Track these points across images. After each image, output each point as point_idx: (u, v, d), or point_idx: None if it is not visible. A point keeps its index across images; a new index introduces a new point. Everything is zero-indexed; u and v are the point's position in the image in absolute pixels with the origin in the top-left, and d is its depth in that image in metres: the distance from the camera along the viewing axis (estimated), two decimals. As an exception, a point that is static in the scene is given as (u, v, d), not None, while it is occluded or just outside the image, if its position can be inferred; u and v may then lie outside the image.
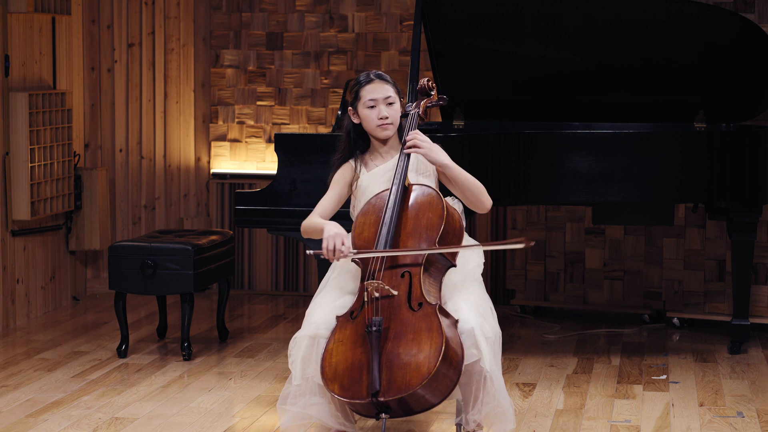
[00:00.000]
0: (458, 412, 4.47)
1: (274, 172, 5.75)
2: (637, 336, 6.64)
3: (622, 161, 5.93)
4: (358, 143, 4.56)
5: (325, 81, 7.57)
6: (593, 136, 5.95)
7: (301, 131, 7.59)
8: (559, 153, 5.91)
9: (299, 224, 4.55)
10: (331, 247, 4.28)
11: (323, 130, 7.55)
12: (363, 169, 4.54)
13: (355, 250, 4.31)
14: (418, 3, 6.23)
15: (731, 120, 6.48)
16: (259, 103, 7.68)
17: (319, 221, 4.43)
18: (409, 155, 4.44)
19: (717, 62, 6.33)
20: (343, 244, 4.28)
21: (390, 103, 4.48)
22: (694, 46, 6.31)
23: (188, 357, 6.01)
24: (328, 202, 4.55)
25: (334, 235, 4.30)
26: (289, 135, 5.74)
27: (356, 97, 4.50)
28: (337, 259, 4.31)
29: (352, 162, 4.56)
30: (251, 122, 7.69)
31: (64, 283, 7.33)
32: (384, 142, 4.53)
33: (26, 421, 4.98)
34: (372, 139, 4.56)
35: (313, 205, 4.58)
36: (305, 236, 4.52)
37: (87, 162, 7.61)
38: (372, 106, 4.47)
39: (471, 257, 4.49)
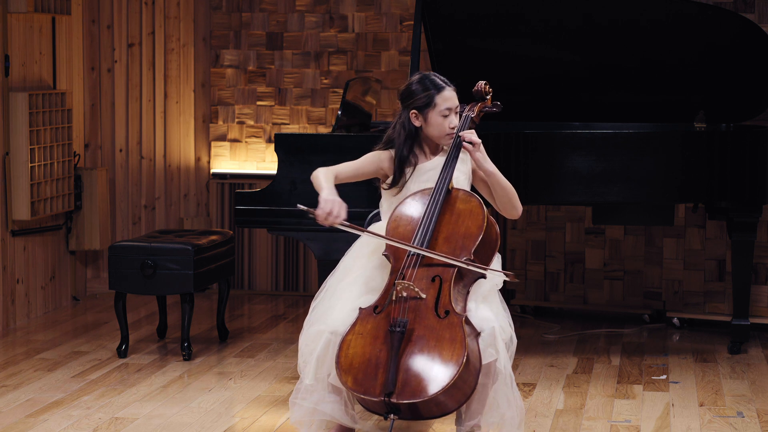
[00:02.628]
0: (458, 418, 4.43)
1: (274, 172, 5.76)
2: (637, 336, 6.64)
3: (622, 161, 5.93)
4: (409, 146, 4.45)
5: (325, 81, 7.57)
6: (593, 136, 5.95)
7: (301, 131, 7.59)
8: (559, 153, 5.92)
9: (299, 224, 4.52)
10: (327, 210, 4.19)
11: (323, 130, 7.56)
12: (412, 165, 4.47)
13: (347, 222, 4.22)
14: (418, 3, 6.23)
15: (731, 120, 6.48)
16: (259, 103, 7.68)
17: (322, 183, 4.28)
18: (457, 157, 4.37)
19: (717, 62, 6.33)
20: (340, 214, 4.19)
21: (457, 113, 4.44)
22: (694, 46, 6.31)
23: (188, 357, 6.01)
24: (353, 166, 4.43)
25: (332, 201, 4.22)
26: (289, 135, 5.74)
27: (429, 103, 4.40)
28: (327, 224, 4.21)
29: (409, 160, 4.45)
30: (251, 122, 7.69)
31: (64, 283, 7.33)
32: (430, 144, 4.48)
33: (26, 421, 4.98)
34: (421, 141, 4.49)
35: (314, 205, 4.55)
36: (312, 181, 4.39)
37: (87, 162, 7.61)
38: (447, 115, 4.41)
39: (493, 265, 4.42)
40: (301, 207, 4.19)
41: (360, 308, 4.24)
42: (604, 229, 7.06)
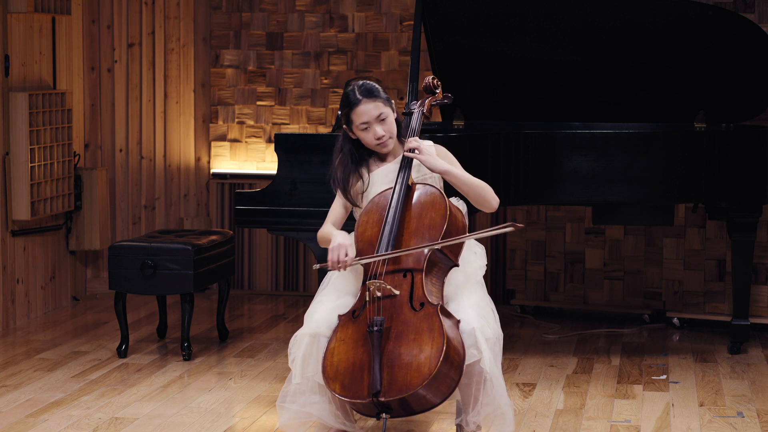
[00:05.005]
0: (458, 413, 4.47)
1: (274, 172, 5.76)
2: (637, 336, 6.64)
3: (622, 161, 5.93)
4: (360, 153, 4.54)
5: (325, 81, 7.57)
6: (593, 136, 5.95)
7: (301, 131, 7.59)
8: (559, 153, 5.92)
9: (299, 224, 4.56)
10: (335, 259, 4.30)
11: (323, 130, 7.56)
12: (365, 172, 4.53)
13: (358, 258, 4.32)
14: (418, 3, 6.23)
15: (731, 120, 6.48)
16: (259, 103, 7.68)
17: (331, 231, 4.44)
18: (411, 160, 4.44)
19: (717, 62, 6.33)
20: (347, 254, 4.30)
21: (382, 119, 4.46)
22: (694, 46, 6.31)
23: (188, 357, 6.01)
24: (338, 209, 4.56)
25: (338, 246, 4.32)
26: (289, 135, 5.74)
27: (348, 120, 4.47)
28: (343, 269, 4.32)
29: (356, 174, 4.53)
30: (251, 122, 7.69)
31: (64, 283, 7.33)
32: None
33: (26, 421, 4.98)
34: (369, 150, 4.56)
35: (314, 205, 4.59)
36: (321, 245, 4.53)
37: (87, 162, 7.61)
38: (365, 129, 4.45)
39: (474, 260, 4.49)
40: (316, 266, 4.35)
41: (339, 315, 4.28)
42: (604, 229, 7.06)
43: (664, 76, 6.40)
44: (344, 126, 4.51)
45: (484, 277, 4.56)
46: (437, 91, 4.67)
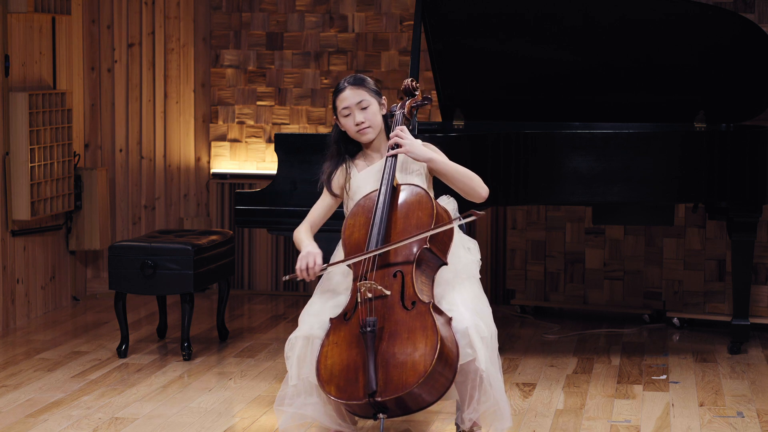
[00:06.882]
0: (458, 416, 4.46)
1: (274, 172, 5.76)
2: (637, 336, 6.64)
3: (622, 161, 5.93)
4: (348, 148, 4.58)
5: (325, 81, 7.57)
6: (593, 136, 5.95)
7: (301, 131, 7.59)
8: (559, 153, 5.92)
9: (299, 224, 4.56)
10: (303, 267, 4.35)
11: (323, 130, 7.56)
12: (354, 171, 4.55)
13: (325, 264, 4.36)
14: (418, 3, 6.23)
15: (731, 120, 6.48)
16: (259, 103, 7.68)
17: (301, 239, 4.48)
18: (394, 156, 4.44)
19: (717, 62, 6.33)
20: (315, 263, 4.34)
21: (364, 108, 4.47)
22: (695, 46, 6.31)
23: (188, 357, 6.01)
24: (320, 210, 4.60)
25: (306, 255, 4.38)
26: (289, 135, 5.75)
27: (334, 108, 4.52)
28: (312, 278, 4.36)
29: (343, 166, 4.56)
30: (251, 122, 7.69)
31: (64, 283, 7.33)
32: (369, 144, 4.54)
33: (26, 421, 4.98)
34: (359, 144, 4.58)
35: (313, 206, 4.59)
36: (295, 242, 4.59)
37: (87, 162, 7.61)
38: (347, 115, 4.48)
39: (464, 255, 4.48)
40: (285, 277, 4.44)
41: (330, 319, 4.28)
42: (604, 229, 7.06)
43: (664, 76, 6.40)
44: (334, 117, 4.55)
45: (484, 276, 4.55)
46: (416, 93, 4.68)
